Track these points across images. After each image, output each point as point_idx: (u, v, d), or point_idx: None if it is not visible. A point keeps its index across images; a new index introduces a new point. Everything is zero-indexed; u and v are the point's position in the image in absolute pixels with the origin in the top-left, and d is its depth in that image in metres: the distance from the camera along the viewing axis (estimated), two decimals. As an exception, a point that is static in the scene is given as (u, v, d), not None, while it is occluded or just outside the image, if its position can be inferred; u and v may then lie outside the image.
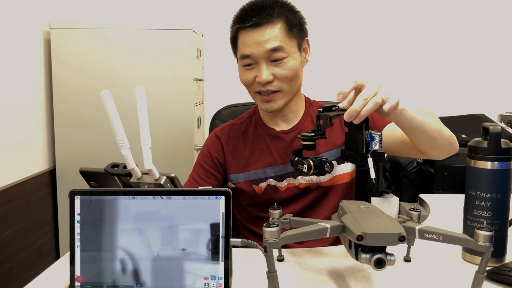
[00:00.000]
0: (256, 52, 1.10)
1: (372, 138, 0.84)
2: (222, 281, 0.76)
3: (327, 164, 0.94)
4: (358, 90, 0.86)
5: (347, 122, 0.86)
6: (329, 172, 0.95)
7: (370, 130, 0.85)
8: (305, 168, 0.93)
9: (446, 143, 1.04)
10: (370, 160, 0.84)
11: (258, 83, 1.12)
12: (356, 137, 0.86)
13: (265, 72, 1.10)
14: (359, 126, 0.85)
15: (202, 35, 2.35)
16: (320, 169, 0.94)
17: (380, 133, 0.85)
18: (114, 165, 0.88)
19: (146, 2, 2.47)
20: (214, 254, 0.76)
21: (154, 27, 1.95)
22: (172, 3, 2.47)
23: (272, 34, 1.09)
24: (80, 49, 1.95)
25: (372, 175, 0.83)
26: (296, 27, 1.13)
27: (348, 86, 0.86)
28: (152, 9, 2.47)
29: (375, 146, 0.84)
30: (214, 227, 0.77)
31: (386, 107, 0.84)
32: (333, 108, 0.90)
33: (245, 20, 1.10)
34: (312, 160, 0.93)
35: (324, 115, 0.90)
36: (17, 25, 1.77)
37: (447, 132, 1.04)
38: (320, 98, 1.33)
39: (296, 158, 0.96)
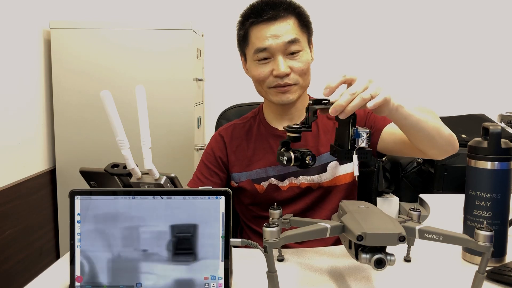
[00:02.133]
0: (273, 44, 1.10)
1: (358, 135, 0.83)
2: (222, 281, 0.76)
3: (310, 157, 0.92)
4: (349, 85, 0.85)
5: (337, 117, 0.84)
6: (311, 166, 0.93)
7: (357, 127, 0.83)
8: (285, 160, 0.91)
9: (446, 143, 1.03)
10: (355, 157, 0.82)
11: (276, 77, 1.12)
12: (343, 132, 0.85)
13: (283, 65, 1.10)
14: (346, 121, 0.84)
15: (202, 35, 2.35)
16: (301, 161, 0.92)
17: (367, 130, 0.83)
18: (114, 165, 0.88)
19: (146, 2, 2.47)
20: (214, 254, 0.76)
21: (154, 27, 1.95)
22: (172, 3, 2.47)
23: (288, 27, 1.11)
24: (80, 49, 1.95)
25: (356, 172, 0.82)
26: (306, 23, 1.16)
27: (336, 80, 0.85)
28: (152, 9, 2.47)
29: (361, 144, 0.83)
30: (214, 227, 0.77)
31: (369, 105, 0.81)
32: (323, 102, 0.89)
33: (261, 14, 1.11)
34: (293, 152, 0.92)
35: (311, 108, 0.89)
36: (17, 25, 1.77)
37: (446, 131, 1.03)
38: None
39: (282, 150, 0.95)
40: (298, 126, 0.92)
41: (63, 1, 2.13)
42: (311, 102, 0.90)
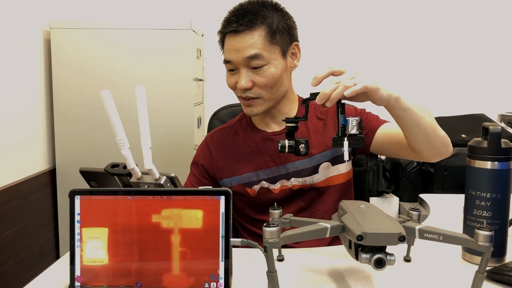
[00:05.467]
0: (235, 58, 1.10)
1: (346, 121, 0.88)
2: (222, 281, 0.76)
3: (303, 145, 0.96)
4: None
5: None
6: (304, 153, 0.97)
7: (349, 117, 0.88)
8: (280, 147, 0.97)
9: (440, 143, 1.03)
10: (345, 143, 0.87)
11: (238, 89, 1.12)
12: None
13: (244, 79, 1.09)
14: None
15: (202, 35, 2.35)
16: (295, 149, 0.97)
17: (357, 118, 0.88)
18: (114, 165, 0.88)
19: (146, 2, 2.47)
20: (214, 254, 0.76)
21: (154, 27, 1.95)
22: (172, 3, 2.47)
23: (250, 41, 1.08)
24: (80, 49, 1.95)
25: (346, 157, 0.88)
26: (280, 33, 1.11)
27: (323, 72, 0.90)
28: (152, 9, 2.47)
29: (352, 130, 0.87)
30: (214, 227, 0.77)
31: (346, 92, 0.86)
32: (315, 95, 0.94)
33: (226, 26, 1.11)
34: (289, 140, 0.97)
35: (303, 100, 0.97)
36: (17, 25, 1.77)
37: (441, 132, 1.04)
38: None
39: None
40: (293, 117, 0.99)
41: (63, 1, 2.13)
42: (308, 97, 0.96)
